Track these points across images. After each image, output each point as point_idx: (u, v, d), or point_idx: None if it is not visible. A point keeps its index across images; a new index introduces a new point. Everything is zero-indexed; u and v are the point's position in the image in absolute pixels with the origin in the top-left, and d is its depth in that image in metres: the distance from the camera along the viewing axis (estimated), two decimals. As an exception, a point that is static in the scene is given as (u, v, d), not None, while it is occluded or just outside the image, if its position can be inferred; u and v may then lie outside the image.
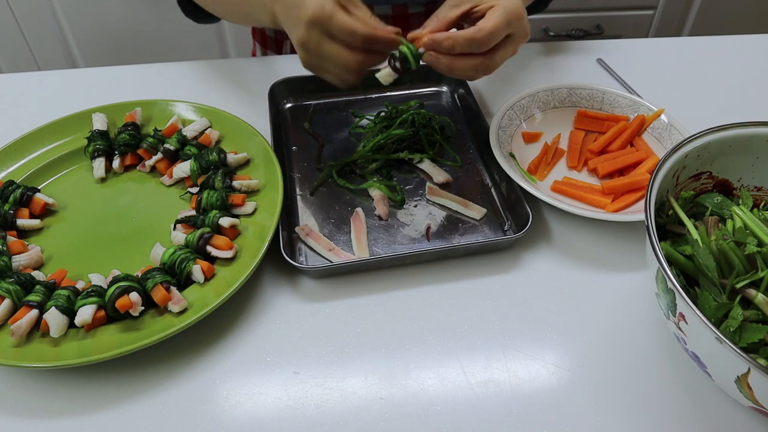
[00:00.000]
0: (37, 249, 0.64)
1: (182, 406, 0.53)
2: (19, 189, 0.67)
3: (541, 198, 0.65)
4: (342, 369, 0.56)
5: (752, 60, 0.95)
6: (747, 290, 0.50)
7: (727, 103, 0.86)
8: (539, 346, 0.58)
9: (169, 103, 0.79)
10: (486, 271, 0.64)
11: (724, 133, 0.59)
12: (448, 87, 0.87)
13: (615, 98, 0.80)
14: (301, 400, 0.54)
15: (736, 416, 0.53)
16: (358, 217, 0.68)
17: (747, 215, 0.55)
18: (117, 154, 0.73)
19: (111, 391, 0.54)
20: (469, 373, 0.55)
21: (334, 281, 0.63)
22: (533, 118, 0.79)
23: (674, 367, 0.56)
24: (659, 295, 0.52)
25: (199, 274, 0.59)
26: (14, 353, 0.53)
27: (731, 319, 0.48)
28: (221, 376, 0.55)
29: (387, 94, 0.86)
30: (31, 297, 0.57)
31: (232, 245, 0.62)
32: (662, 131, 0.76)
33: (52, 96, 0.87)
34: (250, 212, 0.66)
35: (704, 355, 0.48)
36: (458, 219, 0.69)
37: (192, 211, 0.67)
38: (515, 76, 0.90)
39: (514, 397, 0.54)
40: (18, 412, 0.53)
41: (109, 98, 0.80)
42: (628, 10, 1.87)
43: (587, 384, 0.55)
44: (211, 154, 0.70)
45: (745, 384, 0.45)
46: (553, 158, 0.75)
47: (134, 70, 0.92)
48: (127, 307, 0.55)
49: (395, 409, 0.53)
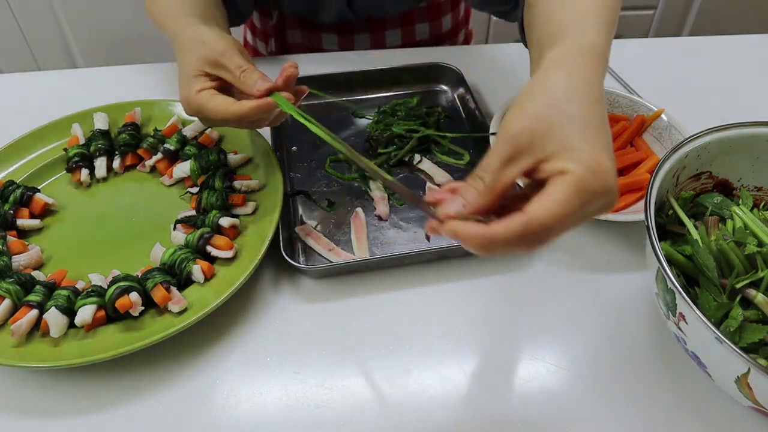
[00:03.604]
0: (37, 249, 0.64)
1: (182, 406, 0.53)
2: (19, 189, 0.67)
3: (541, 198, 0.65)
4: (342, 369, 0.56)
5: (752, 60, 0.95)
6: (747, 290, 0.50)
7: (727, 103, 0.86)
8: (539, 346, 0.58)
9: (169, 103, 0.79)
10: (486, 271, 0.64)
11: (724, 133, 0.59)
12: (448, 87, 0.87)
13: (615, 98, 0.80)
14: (301, 400, 0.54)
15: (736, 416, 0.53)
16: (358, 217, 0.68)
17: (747, 215, 0.55)
18: (117, 154, 0.73)
19: (111, 391, 0.54)
20: (469, 373, 0.55)
21: (334, 281, 0.63)
22: (533, 118, 0.79)
23: (674, 367, 0.56)
24: (659, 295, 0.52)
25: (199, 274, 0.59)
26: (14, 353, 0.53)
27: (731, 319, 0.48)
28: (221, 376, 0.55)
29: (387, 94, 0.86)
30: (31, 297, 0.57)
31: (232, 245, 0.62)
32: (662, 131, 0.76)
33: (52, 96, 0.87)
34: (250, 212, 0.66)
35: (704, 355, 0.48)
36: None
37: (192, 211, 0.67)
38: (515, 75, 0.90)
39: (513, 397, 0.54)
40: (18, 412, 0.53)
41: (109, 98, 0.80)
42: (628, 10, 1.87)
43: (587, 384, 0.55)
44: (211, 154, 0.70)
45: (745, 384, 0.45)
46: (553, 158, 0.75)
47: (134, 70, 0.92)
48: (127, 307, 0.55)
49: (395, 409, 0.53)
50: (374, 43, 0.99)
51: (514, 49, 0.96)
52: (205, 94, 0.59)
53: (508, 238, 0.39)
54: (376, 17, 0.96)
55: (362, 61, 0.91)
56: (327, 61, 0.93)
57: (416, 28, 0.99)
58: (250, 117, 0.58)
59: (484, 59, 0.93)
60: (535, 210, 0.39)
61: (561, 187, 0.39)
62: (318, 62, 0.91)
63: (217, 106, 0.58)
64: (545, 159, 0.41)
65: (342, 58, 0.94)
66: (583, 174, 0.39)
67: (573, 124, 0.41)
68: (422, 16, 0.99)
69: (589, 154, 0.39)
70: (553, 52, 0.47)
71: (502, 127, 0.43)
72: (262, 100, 0.57)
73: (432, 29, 1.01)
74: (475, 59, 0.93)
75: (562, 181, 0.39)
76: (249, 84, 0.58)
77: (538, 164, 0.41)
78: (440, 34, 1.02)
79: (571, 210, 0.39)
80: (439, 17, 1.00)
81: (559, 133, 0.41)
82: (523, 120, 0.42)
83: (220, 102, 0.58)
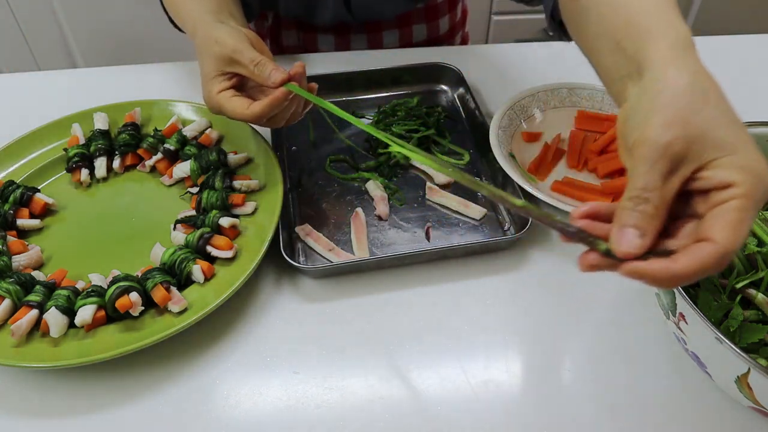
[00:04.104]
0: (37, 249, 0.64)
1: (182, 406, 0.53)
2: (19, 189, 0.67)
3: (541, 198, 0.65)
4: (342, 369, 0.56)
5: (752, 60, 0.95)
6: (747, 290, 0.50)
7: (727, 103, 0.86)
8: (539, 346, 0.58)
9: (169, 103, 0.79)
10: (486, 271, 0.64)
11: (724, 133, 0.59)
12: (448, 87, 0.87)
13: (615, 98, 0.80)
14: (301, 400, 0.54)
15: (736, 416, 0.53)
16: (358, 217, 0.68)
17: (747, 215, 0.55)
18: (117, 154, 0.73)
19: (111, 391, 0.54)
20: (469, 373, 0.55)
21: (334, 281, 0.63)
22: (533, 118, 0.79)
23: (674, 367, 0.56)
24: (659, 295, 0.52)
25: (199, 274, 0.59)
26: (14, 353, 0.53)
27: (731, 319, 0.48)
28: (221, 376, 0.55)
29: (387, 94, 0.86)
30: (31, 297, 0.57)
31: (232, 245, 0.62)
32: (662, 131, 0.75)
33: (52, 96, 0.87)
34: (250, 212, 0.66)
35: (704, 355, 0.48)
36: (458, 219, 0.69)
37: (192, 211, 0.67)
38: (515, 76, 0.90)
39: (514, 397, 0.54)
40: (18, 412, 0.53)
41: (109, 98, 0.80)
42: (628, 10, 1.86)
43: (587, 384, 0.55)
44: (211, 154, 0.70)
45: (745, 384, 0.45)
46: (553, 158, 0.75)
47: (134, 70, 0.92)
48: (127, 307, 0.55)
49: (395, 409, 0.53)
50: (371, 44, 0.99)
51: (514, 49, 0.96)
52: (224, 96, 0.61)
53: (699, 271, 0.36)
54: (373, 19, 0.96)
55: (358, 61, 0.91)
56: (324, 61, 0.93)
57: (413, 29, 0.99)
58: (265, 114, 0.60)
59: (483, 59, 0.93)
60: (725, 238, 0.36)
61: (738, 204, 0.36)
62: (312, 63, 0.91)
63: (235, 108, 0.61)
64: (704, 167, 0.38)
65: (339, 59, 0.94)
66: (753, 185, 0.37)
67: (722, 126, 0.38)
68: (419, 18, 0.99)
69: (748, 156, 0.37)
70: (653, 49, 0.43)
71: (644, 141, 0.39)
72: (272, 95, 0.59)
73: (429, 31, 1.01)
74: (474, 59, 0.93)
75: (735, 196, 0.36)
76: (264, 76, 0.60)
77: (696, 173, 0.38)
78: (437, 36, 1.02)
79: (751, 224, 0.37)
80: (436, 18, 1.00)
81: (713, 136, 0.38)
82: (672, 128, 0.38)
83: (237, 104, 0.61)
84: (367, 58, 0.93)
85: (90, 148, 0.73)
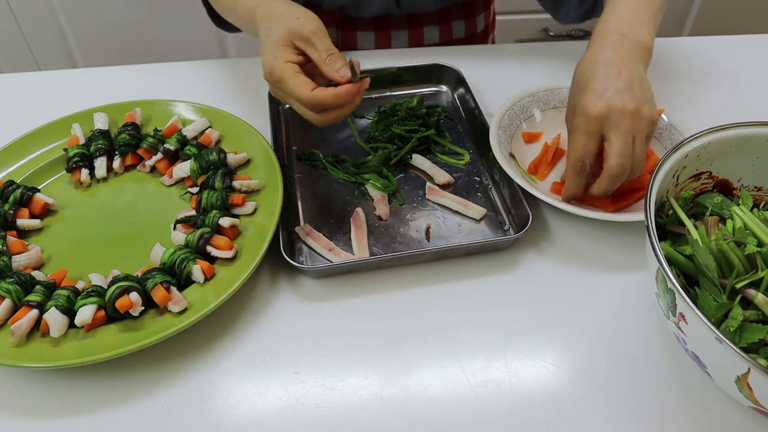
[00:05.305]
0: (37, 249, 0.64)
1: (182, 406, 0.53)
2: (19, 189, 0.67)
3: (541, 198, 0.65)
4: (342, 369, 0.56)
5: (752, 60, 0.95)
6: (747, 290, 0.50)
7: (727, 103, 0.86)
8: (539, 346, 0.58)
9: (169, 103, 0.79)
10: (486, 271, 0.64)
11: (724, 133, 0.59)
12: (448, 87, 0.87)
13: (615, 98, 0.80)
14: (301, 400, 0.54)
15: (736, 416, 0.53)
16: (358, 217, 0.68)
17: (747, 215, 0.55)
18: (117, 154, 0.74)
19: (111, 391, 0.54)
20: (469, 373, 0.55)
21: (334, 281, 0.63)
22: (533, 118, 0.79)
23: (674, 367, 0.56)
24: (659, 295, 0.52)
25: (199, 274, 0.59)
26: (14, 353, 0.54)
27: (731, 319, 0.48)
28: (221, 376, 0.55)
29: (387, 94, 0.86)
30: (31, 297, 0.57)
31: (232, 245, 0.62)
32: (662, 131, 0.75)
33: (52, 96, 0.87)
34: (250, 212, 0.66)
35: (704, 355, 0.48)
36: (458, 219, 0.69)
37: (192, 211, 0.67)
38: (515, 76, 0.90)
39: (514, 397, 0.54)
40: (18, 412, 0.53)
41: (109, 98, 0.80)
42: (628, 10, 1.86)
43: (587, 384, 0.55)
44: (211, 154, 0.70)
45: (745, 384, 0.45)
46: (553, 158, 0.75)
47: (134, 70, 0.92)
48: (127, 307, 0.55)
49: (395, 409, 0.53)
50: (412, 41, 0.99)
51: (514, 49, 0.96)
52: (290, 68, 0.60)
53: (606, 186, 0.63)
54: (417, 12, 0.96)
55: (360, 61, 0.91)
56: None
57: (453, 26, 1.00)
58: (327, 103, 0.59)
59: (484, 59, 0.93)
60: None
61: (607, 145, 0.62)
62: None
63: (298, 84, 0.59)
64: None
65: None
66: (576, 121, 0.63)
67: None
68: (458, 14, 0.99)
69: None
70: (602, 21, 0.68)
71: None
72: (341, 88, 0.59)
73: (467, 28, 1.01)
74: (475, 59, 0.93)
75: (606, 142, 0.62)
76: (334, 68, 0.60)
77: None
78: (475, 34, 1.03)
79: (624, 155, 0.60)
80: (474, 15, 1.01)
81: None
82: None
83: (301, 82, 0.59)
84: (369, 58, 0.93)
85: (90, 148, 0.73)
